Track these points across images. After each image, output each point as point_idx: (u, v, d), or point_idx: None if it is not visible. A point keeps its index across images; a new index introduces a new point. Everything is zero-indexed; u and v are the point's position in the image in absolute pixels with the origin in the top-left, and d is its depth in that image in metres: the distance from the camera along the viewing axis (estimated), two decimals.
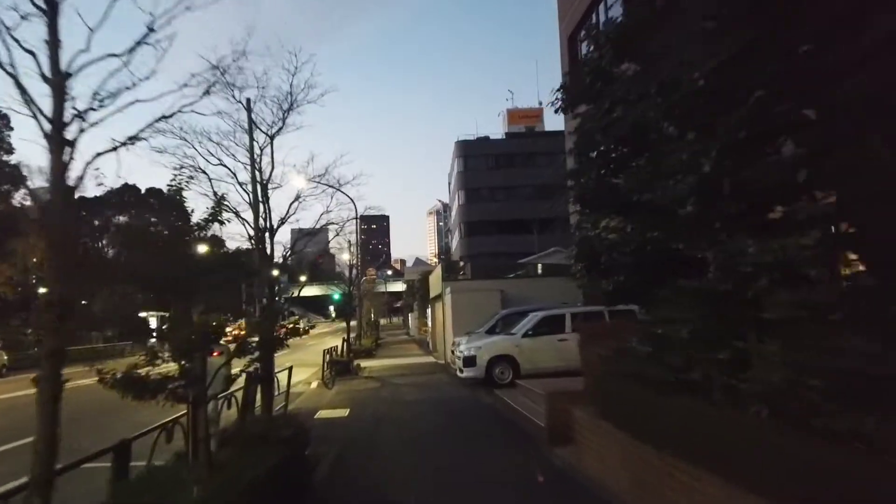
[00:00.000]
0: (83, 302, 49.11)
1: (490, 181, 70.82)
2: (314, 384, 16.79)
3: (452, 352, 16.51)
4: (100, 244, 64.88)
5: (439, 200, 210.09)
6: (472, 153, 72.54)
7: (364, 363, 22.16)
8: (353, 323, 31.78)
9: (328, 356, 18.41)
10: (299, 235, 14.72)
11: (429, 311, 31.20)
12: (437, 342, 26.08)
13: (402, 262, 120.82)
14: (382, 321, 74.31)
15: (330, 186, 15.48)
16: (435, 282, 24.89)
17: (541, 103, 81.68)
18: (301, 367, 22.71)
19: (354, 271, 29.66)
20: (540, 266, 24.85)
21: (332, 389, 15.46)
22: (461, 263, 24.89)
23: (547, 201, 65.42)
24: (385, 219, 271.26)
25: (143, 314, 50.37)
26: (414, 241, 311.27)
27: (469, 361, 13.83)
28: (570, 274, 7.23)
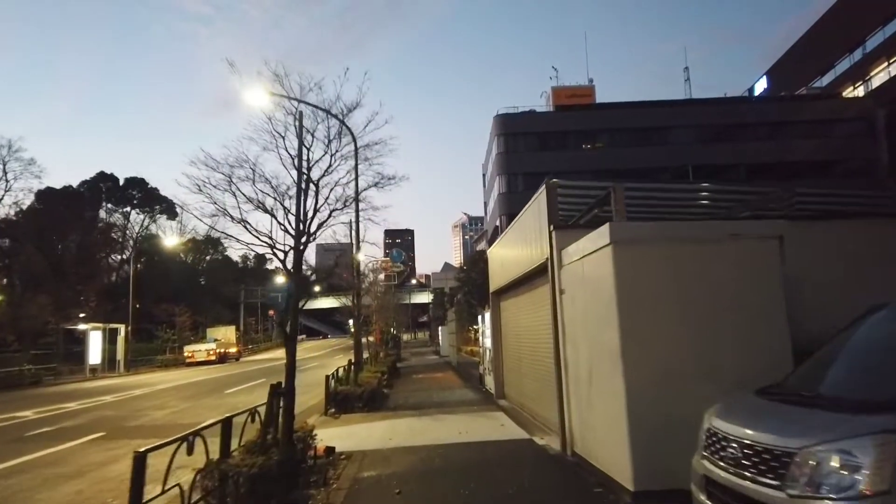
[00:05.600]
0: None
1: (537, 164, 57.52)
2: None
3: None
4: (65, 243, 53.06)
5: (465, 213, 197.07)
6: (515, 130, 59.66)
7: (346, 444, 8.59)
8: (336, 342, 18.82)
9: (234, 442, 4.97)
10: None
11: (484, 317, 17.33)
12: (517, 383, 12.38)
13: (427, 276, 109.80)
14: (405, 337, 61.53)
15: (325, 111, 3.13)
16: (516, 250, 11.18)
17: (591, 80, 69.71)
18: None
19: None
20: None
21: None
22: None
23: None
24: (410, 233, 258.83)
25: (84, 327, 37.99)
26: (438, 257, 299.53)
27: None
28: None
